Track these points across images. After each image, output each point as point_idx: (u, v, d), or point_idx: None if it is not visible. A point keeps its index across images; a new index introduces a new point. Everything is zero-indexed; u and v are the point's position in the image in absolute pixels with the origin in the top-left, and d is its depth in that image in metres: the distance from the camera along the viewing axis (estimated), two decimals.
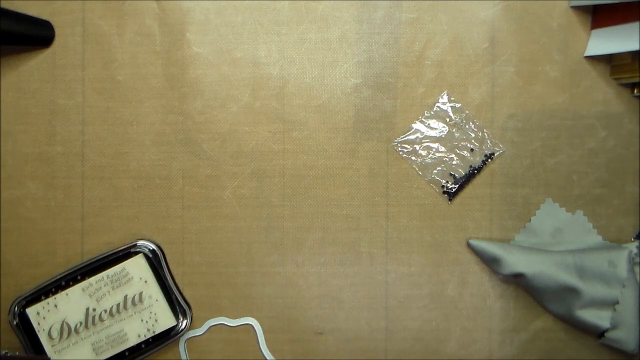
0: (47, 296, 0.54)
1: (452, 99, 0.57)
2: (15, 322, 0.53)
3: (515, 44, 0.57)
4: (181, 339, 0.57)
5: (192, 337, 0.57)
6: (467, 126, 0.57)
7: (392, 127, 0.57)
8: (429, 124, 0.57)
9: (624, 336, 0.54)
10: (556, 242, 0.57)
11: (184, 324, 0.56)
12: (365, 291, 0.57)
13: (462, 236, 0.57)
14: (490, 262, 0.56)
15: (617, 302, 0.54)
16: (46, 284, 0.54)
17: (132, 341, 0.55)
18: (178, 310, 0.55)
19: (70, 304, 0.54)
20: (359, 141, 0.57)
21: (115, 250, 0.55)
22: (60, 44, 0.56)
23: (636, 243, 0.56)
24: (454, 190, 0.57)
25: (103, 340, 0.54)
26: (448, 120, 0.57)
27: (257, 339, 0.57)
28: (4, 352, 0.55)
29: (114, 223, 0.57)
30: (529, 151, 0.57)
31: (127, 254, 0.55)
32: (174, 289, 0.56)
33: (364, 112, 0.57)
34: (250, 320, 0.57)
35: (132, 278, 0.55)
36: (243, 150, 0.57)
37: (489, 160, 0.57)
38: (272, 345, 0.57)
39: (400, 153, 0.57)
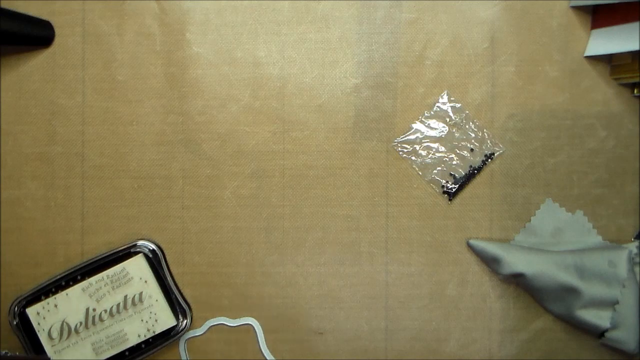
0: (47, 296, 0.54)
1: (452, 99, 0.57)
2: (15, 322, 0.53)
3: (515, 44, 0.57)
4: (181, 339, 0.57)
5: (192, 337, 0.57)
6: (467, 126, 0.57)
7: (392, 127, 0.57)
8: (429, 124, 0.57)
9: (624, 336, 0.54)
10: (556, 242, 0.57)
11: (184, 324, 0.56)
12: (365, 291, 0.57)
13: (462, 236, 0.57)
14: (490, 262, 0.56)
15: (617, 302, 0.54)
16: (46, 284, 0.54)
17: (132, 341, 0.55)
18: (178, 310, 0.55)
19: (70, 304, 0.54)
20: (359, 141, 0.57)
21: (115, 250, 0.55)
22: (60, 44, 0.56)
23: (636, 243, 0.56)
24: (454, 190, 0.57)
25: (103, 340, 0.54)
26: (448, 120, 0.57)
27: (257, 339, 0.57)
28: (4, 352, 0.55)
29: (114, 223, 0.57)
30: (529, 151, 0.57)
31: (127, 254, 0.55)
32: (174, 289, 0.56)
33: (364, 112, 0.57)
34: (250, 320, 0.57)
35: (132, 278, 0.55)
36: (243, 150, 0.57)
37: (489, 160, 0.57)
38: (272, 345, 0.57)
39: (400, 153, 0.57)
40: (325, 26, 0.56)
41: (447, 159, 0.57)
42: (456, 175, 0.57)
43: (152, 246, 0.56)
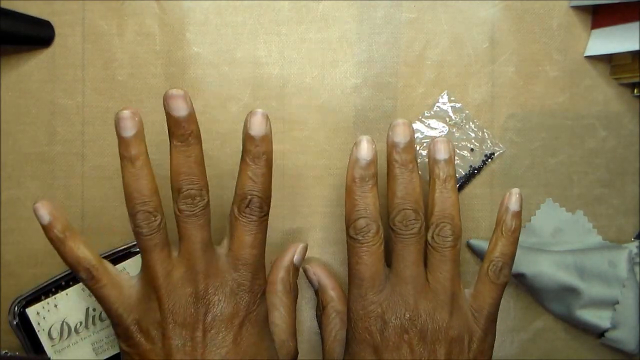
0: (47, 296, 0.54)
1: (452, 99, 0.57)
2: (15, 322, 0.53)
3: (515, 44, 0.57)
4: None
5: None
6: (467, 126, 0.57)
7: None
8: (429, 123, 0.57)
9: (624, 336, 0.54)
10: (556, 242, 0.57)
11: None
12: None
13: (462, 236, 0.57)
14: None
15: (617, 302, 0.54)
16: (46, 284, 0.54)
17: None
18: None
19: (70, 304, 0.54)
20: None
21: (115, 250, 0.55)
22: (60, 44, 0.56)
23: (636, 243, 0.56)
24: None
25: (103, 340, 0.54)
26: (448, 120, 0.57)
27: None
28: (4, 352, 0.55)
29: (114, 223, 0.57)
30: (529, 151, 0.57)
31: (127, 254, 0.55)
32: None
33: (364, 112, 0.57)
34: None
35: None
36: None
37: (489, 160, 0.57)
38: None
39: None
40: (325, 26, 0.56)
41: None
42: (456, 175, 0.57)
43: None
